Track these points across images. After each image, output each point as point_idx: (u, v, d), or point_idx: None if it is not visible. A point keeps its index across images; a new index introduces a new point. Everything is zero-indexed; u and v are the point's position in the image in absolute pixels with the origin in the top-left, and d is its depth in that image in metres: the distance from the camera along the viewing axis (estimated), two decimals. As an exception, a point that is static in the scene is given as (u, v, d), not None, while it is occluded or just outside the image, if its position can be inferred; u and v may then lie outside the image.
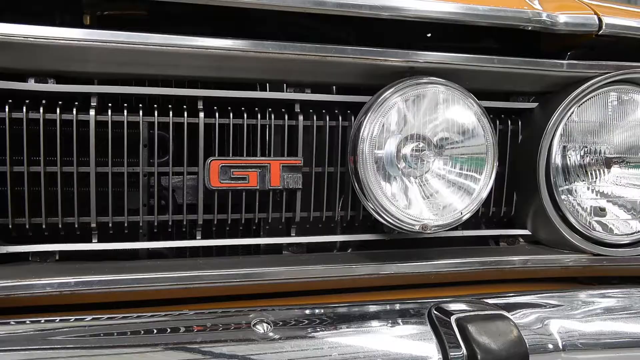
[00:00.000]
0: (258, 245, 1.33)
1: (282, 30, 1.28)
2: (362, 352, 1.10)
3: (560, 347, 1.17)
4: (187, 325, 1.07)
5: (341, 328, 1.13)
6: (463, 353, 1.10)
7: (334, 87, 1.36)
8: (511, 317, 1.16)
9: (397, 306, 1.21)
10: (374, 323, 1.16)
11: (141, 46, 1.07)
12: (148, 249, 1.28)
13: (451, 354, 1.11)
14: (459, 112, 1.21)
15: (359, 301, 1.22)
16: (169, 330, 1.05)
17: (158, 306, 1.13)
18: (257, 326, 1.09)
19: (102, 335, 1.05)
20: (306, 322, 1.14)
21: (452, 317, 1.14)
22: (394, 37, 1.29)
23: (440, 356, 1.11)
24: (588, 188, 1.36)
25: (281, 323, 1.11)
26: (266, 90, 1.33)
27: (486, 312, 1.16)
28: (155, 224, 1.21)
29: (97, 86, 1.15)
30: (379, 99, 1.17)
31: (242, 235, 1.33)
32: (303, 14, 1.15)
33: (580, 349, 1.19)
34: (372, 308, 1.20)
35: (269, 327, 1.09)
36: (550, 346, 1.16)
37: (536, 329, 1.19)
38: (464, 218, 1.21)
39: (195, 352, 1.02)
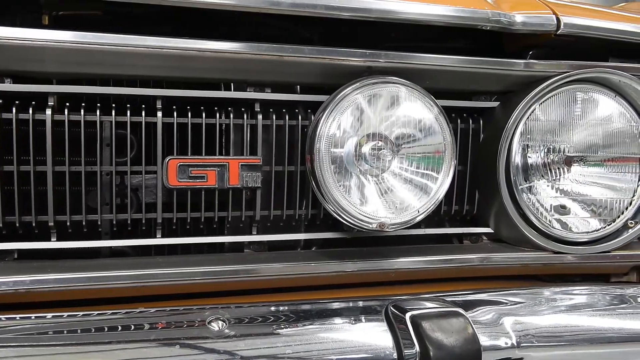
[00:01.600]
0: (223, 244, 1.35)
1: (248, 30, 1.29)
2: (317, 349, 1.11)
3: (515, 343, 1.18)
4: (140, 323, 1.07)
5: (297, 325, 1.14)
6: (416, 350, 1.11)
7: (298, 86, 1.37)
8: (466, 315, 1.17)
9: (356, 304, 1.22)
10: (331, 320, 1.17)
11: (95, 46, 1.08)
12: (110, 247, 1.29)
13: (405, 351, 1.12)
14: (416, 111, 1.22)
15: (317, 299, 1.22)
16: (121, 328, 1.06)
17: (115, 304, 1.14)
18: (212, 324, 1.10)
19: (52, 333, 1.06)
20: (262, 319, 1.14)
21: (407, 315, 1.15)
22: (365, 37, 1.30)
23: (395, 353, 1.12)
24: (548, 186, 1.37)
25: (237, 320, 1.12)
26: (231, 90, 1.34)
27: (441, 310, 1.17)
28: (114, 222, 1.22)
29: (54, 86, 1.15)
30: (335, 98, 1.18)
31: (207, 234, 1.34)
32: (262, 14, 1.16)
33: (535, 345, 1.20)
34: (330, 306, 1.21)
35: (225, 324, 1.10)
36: (504, 343, 1.18)
37: (492, 326, 1.20)
38: (421, 216, 1.22)
39: (147, 350, 1.03)
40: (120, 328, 1.06)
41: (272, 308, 1.18)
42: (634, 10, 1.75)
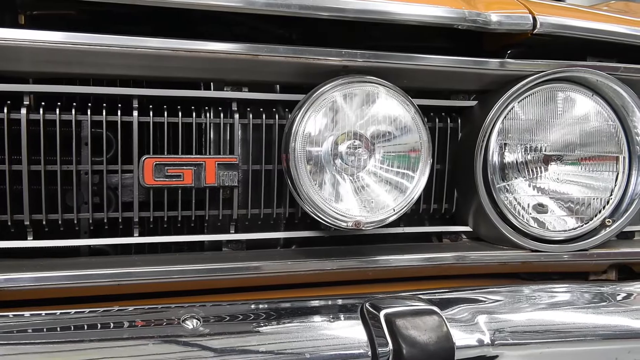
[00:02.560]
0: (203, 242, 1.35)
1: (228, 30, 1.30)
2: (291, 347, 1.11)
3: (489, 341, 1.19)
4: (113, 321, 1.08)
5: (272, 323, 1.15)
6: (390, 348, 1.11)
7: (277, 86, 1.37)
8: (441, 312, 1.17)
9: (332, 302, 1.23)
10: (307, 318, 1.18)
11: (69, 45, 1.08)
12: (90, 246, 1.30)
13: (379, 349, 1.12)
14: (392, 110, 1.22)
15: (292, 297, 1.23)
16: (95, 326, 1.06)
17: (90, 303, 1.14)
18: (186, 322, 1.10)
19: (30, 331, 1.06)
20: (238, 317, 1.15)
21: (381, 313, 1.15)
22: (349, 37, 1.30)
23: (369, 351, 1.13)
24: (526, 185, 1.38)
25: (211, 319, 1.12)
26: (210, 89, 1.34)
27: (415, 308, 1.18)
28: (91, 221, 1.22)
29: (29, 85, 1.16)
30: (311, 97, 1.18)
31: (188, 233, 1.35)
32: (238, 14, 1.16)
33: (510, 343, 1.20)
34: (307, 304, 1.22)
35: (199, 322, 1.11)
36: (479, 341, 1.18)
37: (467, 324, 1.21)
38: (396, 215, 1.22)
39: (120, 348, 1.04)
40: (99, 326, 1.07)
41: (249, 306, 1.18)
42: (617, 9, 1.76)
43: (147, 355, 1.04)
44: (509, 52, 1.37)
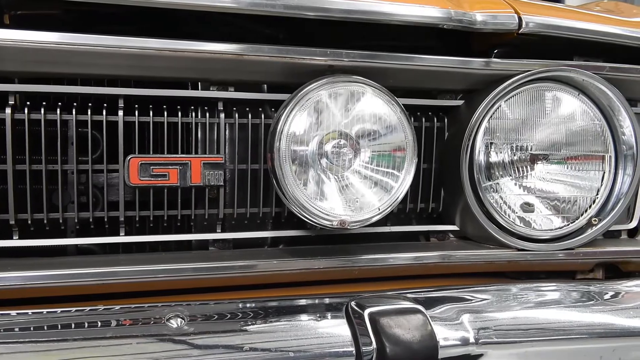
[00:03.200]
0: (190, 242, 1.35)
1: (217, 31, 1.30)
2: (275, 346, 1.12)
3: (474, 340, 1.19)
4: (98, 320, 1.08)
5: (257, 322, 1.15)
6: (373, 346, 1.12)
7: (265, 85, 1.38)
8: (425, 311, 1.18)
9: (318, 301, 1.23)
10: (292, 317, 1.18)
11: (53, 45, 1.08)
12: (77, 245, 1.30)
13: (363, 347, 1.13)
14: (377, 110, 1.23)
15: (278, 296, 1.24)
16: (78, 325, 1.07)
17: (74, 302, 1.14)
18: (170, 321, 1.11)
19: (17, 330, 1.07)
20: (222, 316, 1.15)
21: (365, 312, 1.16)
22: (338, 37, 1.30)
23: (353, 349, 1.13)
24: (512, 184, 1.38)
25: (196, 318, 1.13)
26: (198, 89, 1.35)
27: (399, 306, 1.18)
28: (77, 220, 1.23)
29: (14, 85, 1.16)
30: (296, 97, 1.18)
31: (176, 232, 1.35)
32: (222, 14, 1.17)
33: (494, 342, 1.21)
34: (292, 303, 1.22)
35: (183, 321, 1.11)
36: (463, 339, 1.19)
37: (452, 322, 1.21)
38: (381, 215, 1.23)
39: (104, 347, 1.04)
40: (86, 325, 1.07)
41: (235, 305, 1.19)
42: (606, 9, 1.76)
43: (130, 355, 1.04)
44: (495, 51, 1.38)
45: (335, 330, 1.17)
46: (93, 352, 1.04)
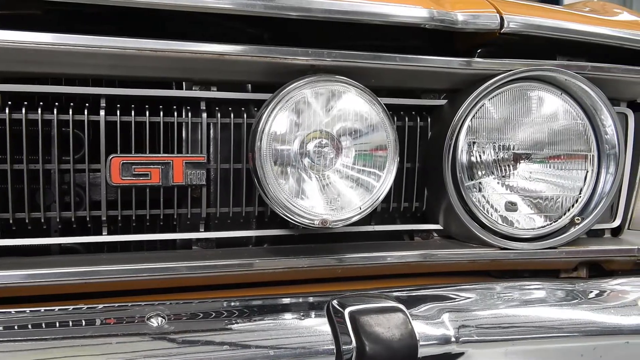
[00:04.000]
0: (175, 241, 1.36)
1: (203, 30, 1.30)
2: (254, 345, 1.12)
3: (454, 338, 1.20)
4: (78, 319, 1.09)
5: (238, 320, 1.16)
6: (353, 345, 1.12)
7: (249, 85, 1.38)
8: (405, 310, 1.18)
9: (300, 300, 1.24)
10: (273, 316, 1.19)
11: (33, 45, 1.09)
12: (60, 244, 1.30)
13: (343, 346, 1.13)
14: (359, 109, 1.23)
15: (259, 295, 1.24)
16: (58, 324, 1.07)
17: (55, 301, 1.15)
18: (151, 320, 1.11)
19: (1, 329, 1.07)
20: (204, 314, 1.16)
21: (346, 310, 1.16)
22: (323, 37, 1.31)
23: (334, 347, 1.14)
24: (494, 183, 1.39)
25: (178, 316, 1.13)
26: (182, 89, 1.35)
27: (380, 305, 1.19)
28: (58, 220, 1.23)
29: (-4, 84, 1.17)
30: (277, 96, 1.19)
31: (160, 231, 1.36)
32: (202, 13, 1.17)
33: (475, 340, 1.21)
34: (274, 301, 1.23)
35: (164, 320, 1.11)
36: (444, 338, 1.19)
37: (433, 321, 1.22)
38: (363, 214, 1.23)
39: (80, 347, 1.04)
40: (58, 324, 1.07)
41: (217, 304, 1.19)
42: (592, 9, 1.76)
43: (110, 354, 1.04)
44: (479, 51, 1.38)
45: (316, 328, 1.17)
46: (67, 352, 1.04)
